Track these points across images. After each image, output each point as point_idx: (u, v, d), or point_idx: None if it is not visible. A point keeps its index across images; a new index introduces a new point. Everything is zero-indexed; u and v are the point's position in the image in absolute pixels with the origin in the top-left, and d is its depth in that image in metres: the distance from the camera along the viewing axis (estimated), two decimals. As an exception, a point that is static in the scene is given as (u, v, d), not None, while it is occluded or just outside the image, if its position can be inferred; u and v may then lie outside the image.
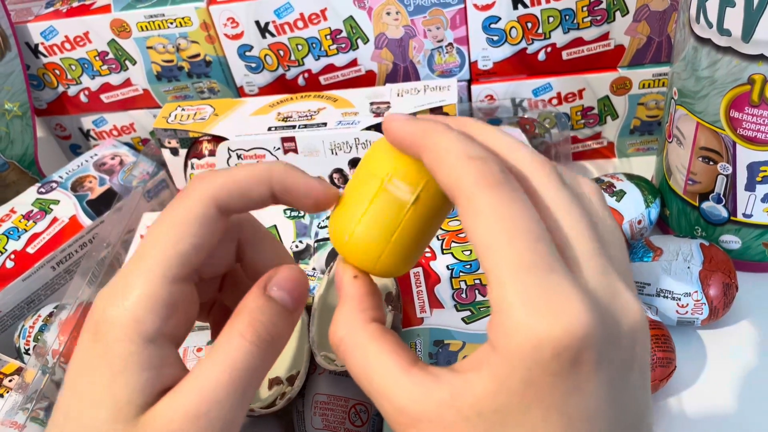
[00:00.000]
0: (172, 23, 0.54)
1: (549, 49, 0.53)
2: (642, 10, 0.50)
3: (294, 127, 0.49)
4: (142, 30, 0.55)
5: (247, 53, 0.56)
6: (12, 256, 0.50)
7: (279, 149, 0.49)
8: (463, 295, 0.39)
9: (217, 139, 0.50)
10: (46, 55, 0.58)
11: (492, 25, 0.52)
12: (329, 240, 0.37)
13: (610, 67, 0.54)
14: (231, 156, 0.51)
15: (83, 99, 0.61)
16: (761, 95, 0.38)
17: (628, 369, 0.19)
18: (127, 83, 0.59)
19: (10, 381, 0.42)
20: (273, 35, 0.54)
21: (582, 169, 0.59)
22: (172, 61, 0.57)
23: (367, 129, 0.47)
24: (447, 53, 0.55)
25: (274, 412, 0.35)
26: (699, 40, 0.39)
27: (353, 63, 0.56)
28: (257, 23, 0.54)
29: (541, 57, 0.54)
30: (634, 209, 0.47)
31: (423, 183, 0.23)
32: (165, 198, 0.55)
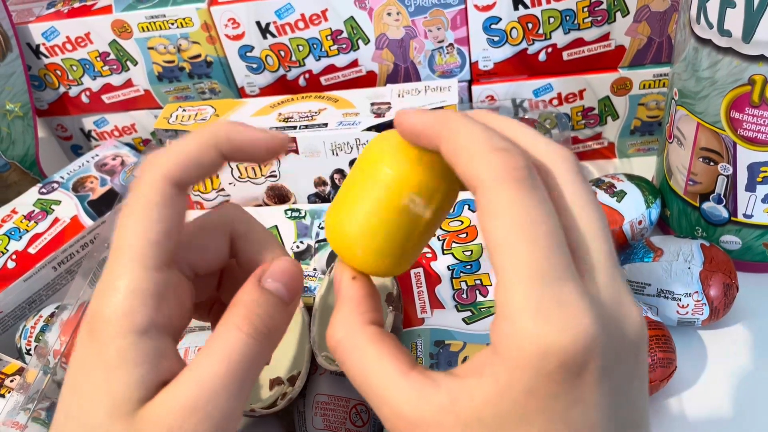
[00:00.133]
0: (173, 24, 0.55)
1: (549, 50, 0.53)
2: (642, 10, 0.50)
3: (295, 128, 0.49)
4: (143, 31, 0.55)
5: (248, 54, 0.56)
6: (13, 256, 0.50)
7: (280, 150, 0.49)
8: (464, 296, 0.39)
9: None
10: (47, 56, 0.58)
11: (492, 26, 0.52)
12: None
13: (610, 68, 0.54)
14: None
15: (84, 99, 0.61)
16: (762, 96, 0.38)
17: (630, 379, 0.19)
18: (128, 84, 0.59)
19: (11, 381, 0.43)
20: (274, 36, 0.54)
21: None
22: (173, 62, 0.57)
23: (368, 129, 0.47)
24: (448, 54, 0.55)
25: (275, 412, 0.35)
26: (699, 40, 0.39)
27: (354, 63, 0.56)
28: (258, 24, 0.54)
29: (542, 57, 0.54)
30: (634, 210, 0.47)
31: (439, 197, 0.22)
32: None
